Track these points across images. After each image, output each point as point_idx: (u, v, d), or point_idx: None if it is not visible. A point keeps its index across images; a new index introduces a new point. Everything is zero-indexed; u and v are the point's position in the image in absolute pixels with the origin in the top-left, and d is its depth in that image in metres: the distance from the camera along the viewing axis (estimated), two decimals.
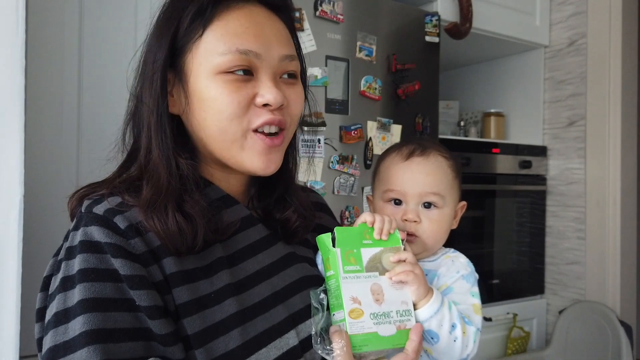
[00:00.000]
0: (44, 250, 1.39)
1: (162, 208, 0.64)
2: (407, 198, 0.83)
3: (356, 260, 0.71)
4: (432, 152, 0.85)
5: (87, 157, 1.43)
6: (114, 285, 0.59)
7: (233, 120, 0.67)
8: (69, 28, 1.43)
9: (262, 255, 0.72)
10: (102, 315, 0.57)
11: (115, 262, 0.60)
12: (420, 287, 0.73)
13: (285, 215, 0.77)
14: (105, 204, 0.64)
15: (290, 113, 0.72)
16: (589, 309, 2.22)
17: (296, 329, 0.68)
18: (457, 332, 0.73)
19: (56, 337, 0.57)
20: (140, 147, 0.69)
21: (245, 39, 0.67)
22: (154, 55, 0.68)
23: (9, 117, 1.02)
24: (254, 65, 0.68)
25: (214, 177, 0.74)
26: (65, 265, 0.61)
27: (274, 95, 0.67)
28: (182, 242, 0.63)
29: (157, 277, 0.62)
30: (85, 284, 0.58)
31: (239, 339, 0.63)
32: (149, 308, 0.59)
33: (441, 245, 0.87)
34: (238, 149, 0.69)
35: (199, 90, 0.67)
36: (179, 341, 0.61)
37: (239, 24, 0.68)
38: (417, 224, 0.82)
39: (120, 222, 0.62)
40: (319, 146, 1.64)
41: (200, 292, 0.64)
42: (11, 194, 1.02)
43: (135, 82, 0.72)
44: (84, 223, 0.63)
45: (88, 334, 0.56)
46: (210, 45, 0.67)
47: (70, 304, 0.58)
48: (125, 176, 0.70)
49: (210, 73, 0.67)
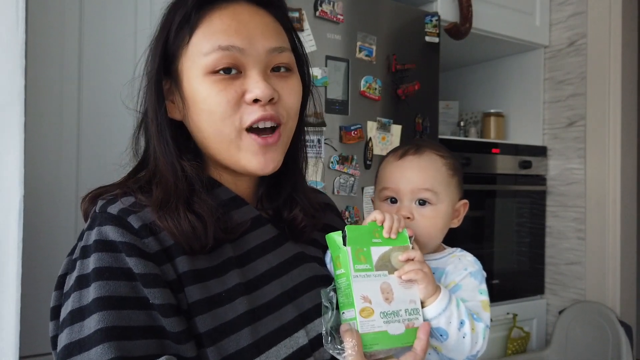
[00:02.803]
0: (44, 250, 1.39)
1: (174, 208, 0.65)
2: (400, 195, 0.84)
3: (366, 259, 0.72)
4: (427, 151, 0.86)
5: (87, 158, 1.43)
6: (128, 284, 0.60)
7: (225, 119, 0.68)
8: (69, 28, 1.43)
9: (271, 255, 0.73)
10: (117, 313, 0.58)
11: (130, 261, 0.61)
12: (429, 285, 0.73)
13: (292, 215, 0.78)
14: (119, 204, 0.66)
15: (284, 106, 0.71)
16: (589, 309, 2.22)
17: (305, 328, 0.69)
18: (465, 328, 0.74)
19: (72, 335, 0.58)
20: (150, 155, 0.72)
21: (227, 34, 0.68)
22: (150, 65, 0.71)
23: (9, 117, 1.02)
24: (240, 62, 0.68)
25: (222, 179, 0.75)
26: (80, 264, 0.62)
27: (261, 89, 0.67)
28: (196, 240, 0.65)
29: (170, 275, 0.63)
30: (100, 282, 0.59)
31: (249, 337, 0.64)
32: (162, 306, 0.60)
33: (437, 242, 0.87)
34: (235, 150, 0.69)
35: (192, 93, 0.69)
36: (191, 339, 0.62)
37: (221, 22, 0.69)
38: (410, 220, 0.82)
39: (134, 221, 0.64)
40: (319, 146, 1.64)
41: (212, 291, 0.65)
42: (11, 194, 1.02)
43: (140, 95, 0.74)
44: (99, 222, 0.64)
45: (103, 332, 0.57)
46: (197, 48, 0.68)
47: (86, 302, 0.59)
48: (137, 178, 0.72)
49: (199, 75, 0.68)
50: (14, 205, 1.02)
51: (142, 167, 0.74)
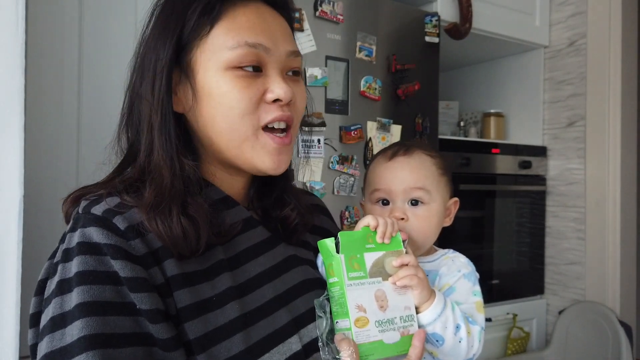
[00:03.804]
0: (44, 250, 1.38)
1: (167, 210, 0.62)
2: (392, 196, 0.84)
3: (360, 266, 0.70)
4: (416, 151, 0.86)
5: (87, 157, 1.43)
6: (114, 288, 0.57)
7: (245, 116, 0.66)
8: (69, 28, 1.43)
9: (263, 258, 0.71)
10: (101, 319, 0.55)
11: (115, 264, 0.58)
12: (424, 290, 0.72)
13: (283, 213, 0.77)
14: (104, 204, 0.62)
15: (296, 109, 0.72)
16: (589, 309, 2.22)
17: (299, 333, 0.67)
18: (461, 333, 0.73)
19: (52, 343, 0.55)
20: (140, 148, 0.68)
21: (254, 32, 0.67)
22: (157, 54, 0.67)
23: (9, 117, 1.02)
24: (263, 60, 0.68)
25: (216, 177, 0.73)
26: (62, 267, 0.59)
27: (284, 90, 0.67)
28: (186, 246, 0.62)
29: (158, 279, 0.60)
30: (84, 287, 0.56)
31: (242, 344, 0.62)
32: (150, 311, 0.57)
33: (432, 242, 0.86)
34: (249, 147, 0.68)
35: (209, 87, 0.67)
36: (180, 346, 0.59)
37: (247, 19, 0.68)
38: (404, 221, 0.82)
39: (120, 222, 0.60)
40: (319, 146, 1.64)
41: (202, 295, 0.62)
42: (11, 194, 1.02)
43: (131, 82, 0.70)
44: (82, 224, 0.60)
45: (87, 339, 0.54)
46: (219, 40, 0.66)
47: (68, 308, 0.56)
48: (123, 177, 0.69)
49: (219, 68, 0.66)
50: (14, 205, 1.02)
51: (128, 163, 0.71)
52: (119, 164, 0.72)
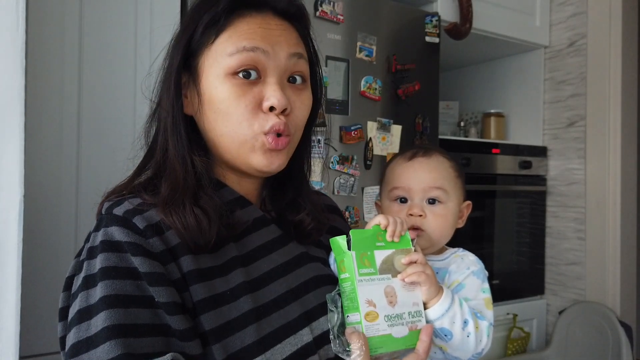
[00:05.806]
0: (44, 250, 1.39)
1: (180, 204, 0.67)
2: (411, 194, 0.87)
3: (370, 263, 0.73)
4: (434, 153, 0.91)
5: (87, 158, 1.43)
6: (134, 283, 0.61)
7: (242, 122, 0.70)
8: (69, 28, 1.43)
9: (275, 255, 0.74)
10: (123, 311, 0.59)
11: (135, 260, 0.62)
12: (432, 287, 0.75)
13: (299, 218, 0.79)
14: (126, 204, 0.67)
15: (294, 119, 0.73)
16: (589, 309, 2.22)
17: (310, 326, 0.70)
18: (469, 328, 0.75)
19: (79, 334, 0.60)
20: (157, 146, 0.73)
21: (253, 38, 0.70)
22: (171, 60, 0.73)
23: (9, 117, 1.02)
24: (262, 65, 0.70)
25: (227, 179, 0.76)
26: (87, 264, 0.64)
27: (278, 98, 0.69)
28: (201, 235, 0.66)
29: (175, 274, 0.64)
30: (107, 282, 0.61)
31: (254, 335, 0.65)
32: (167, 304, 0.61)
33: (447, 240, 0.89)
34: (248, 149, 0.71)
35: (209, 92, 0.71)
36: (196, 337, 0.63)
37: (248, 27, 0.71)
38: (422, 218, 0.86)
39: (139, 222, 0.65)
40: (319, 146, 1.64)
41: (216, 289, 0.66)
42: (11, 194, 1.02)
43: (155, 87, 0.76)
44: (105, 224, 0.65)
45: (110, 329, 0.58)
46: (221, 48, 0.70)
47: (93, 301, 0.61)
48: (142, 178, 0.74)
49: (220, 75, 0.70)
50: (14, 205, 1.02)
51: (149, 159, 0.76)
52: (141, 160, 0.77)
